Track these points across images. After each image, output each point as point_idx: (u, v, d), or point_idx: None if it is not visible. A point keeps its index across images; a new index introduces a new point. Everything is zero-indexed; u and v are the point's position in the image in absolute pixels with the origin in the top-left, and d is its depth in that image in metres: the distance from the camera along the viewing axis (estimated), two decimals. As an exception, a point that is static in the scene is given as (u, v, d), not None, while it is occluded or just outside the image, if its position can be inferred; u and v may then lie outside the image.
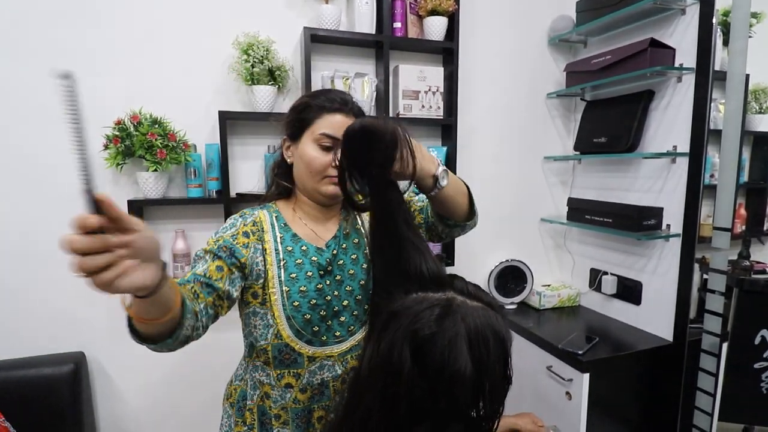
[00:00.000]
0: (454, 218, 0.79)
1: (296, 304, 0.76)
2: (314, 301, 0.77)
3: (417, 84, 1.57)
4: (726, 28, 1.34)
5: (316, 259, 0.79)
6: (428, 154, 0.68)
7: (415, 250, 0.56)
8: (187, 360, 1.53)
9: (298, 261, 0.78)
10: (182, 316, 0.57)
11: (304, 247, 0.80)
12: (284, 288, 0.76)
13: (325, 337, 0.79)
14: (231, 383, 0.88)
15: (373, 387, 0.47)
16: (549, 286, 1.85)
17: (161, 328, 0.55)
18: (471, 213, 0.80)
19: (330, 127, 0.76)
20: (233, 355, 1.60)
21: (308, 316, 0.77)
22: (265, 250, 0.77)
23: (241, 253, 0.74)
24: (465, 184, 0.79)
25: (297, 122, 0.79)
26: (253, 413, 0.81)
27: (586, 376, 1.34)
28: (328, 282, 0.79)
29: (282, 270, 0.77)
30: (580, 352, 1.37)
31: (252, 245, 0.77)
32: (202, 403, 1.55)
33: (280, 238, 0.79)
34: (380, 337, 0.48)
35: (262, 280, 0.76)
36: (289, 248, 0.79)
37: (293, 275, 0.77)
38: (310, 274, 0.78)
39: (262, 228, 0.79)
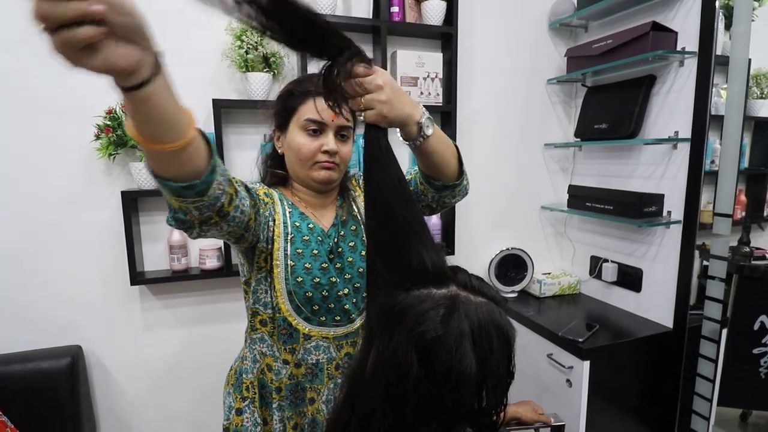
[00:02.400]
0: (443, 178, 0.74)
1: (299, 280, 0.76)
2: (317, 279, 0.76)
3: (415, 70, 1.54)
4: (728, 11, 1.31)
5: (322, 239, 0.79)
6: (411, 100, 0.62)
7: (418, 241, 0.53)
8: (184, 352, 1.52)
9: (305, 238, 0.78)
10: (210, 167, 0.50)
11: (311, 225, 0.79)
12: (289, 262, 0.75)
13: (324, 318, 0.78)
14: (231, 368, 0.88)
15: (376, 389, 0.46)
16: (549, 274, 1.84)
17: (176, 163, 0.47)
18: (460, 172, 0.76)
19: (314, 112, 0.75)
20: (231, 347, 1.59)
21: (310, 294, 0.76)
22: (275, 220, 0.76)
23: (263, 206, 0.74)
24: (454, 144, 0.75)
25: (283, 111, 0.78)
26: (253, 386, 0.81)
27: (587, 363, 1.34)
28: (331, 266, 0.78)
29: (289, 244, 0.76)
30: (580, 340, 1.37)
31: (268, 207, 0.76)
32: (200, 395, 1.54)
33: (289, 212, 0.79)
34: (383, 338, 0.47)
35: (270, 246, 0.76)
36: (297, 224, 0.78)
37: (299, 251, 0.76)
38: (315, 252, 0.77)
39: (273, 199, 0.78)
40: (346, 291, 0.79)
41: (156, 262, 1.45)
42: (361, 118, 0.56)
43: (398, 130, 0.64)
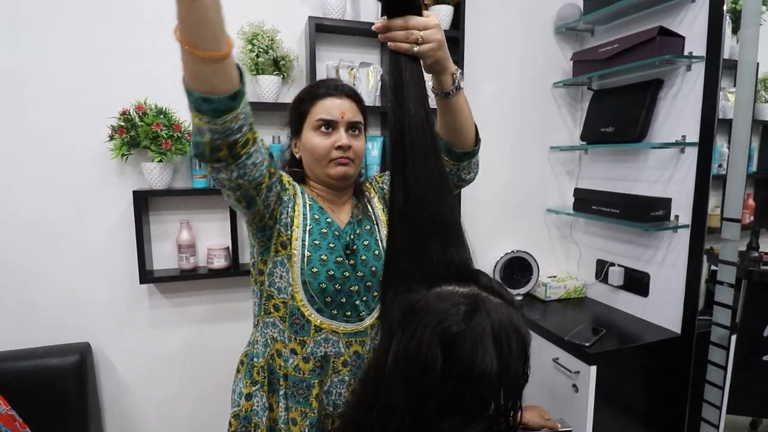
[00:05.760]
0: (463, 143, 0.76)
1: (315, 270, 0.77)
2: (332, 272, 0.78)
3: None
4: (735, 15, 1.32)
5: (339, 234, 0.81)
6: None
7: (448, 236, 0.54)
8: (191, 350, 1.53)
9: (323, 231, 0.80)
10: (233, 93, 0.56)
11: (329, 220, 0.81)
12: (306, 252, 0.77)
13: (335, 311, 0.80)
14: (242, 354, 0.89)
15: (398, 383, 0.47)
16: (555, 277, 1.84)
17: (207, 74, 0.53)
18: (476, 139, 0.79)
19: (324, 111, 0.79)
20: (238, 346, 1.60)
21: (324, 285, 0.78)
22: (295, 209, 0.79)
23: (283, 189, 0.77)
24: None
25: (296, 117, 0.83)
26: (264, 371, 0.81)
27: (593, 368, 1.33)
28: (347, 262, 0.80)
29: (307, 234, 0.78)
30: (587, 344, 1.36)
31: (289, 194, 0.79)
32: (207, 393, 1.55)
33: (309, 205, 0.81)
34: (406, 333, 0.47)
35: (288, 233, 0.78)
36: (316, 216, 0.81)
37: (316, 242, 0.78)
38: (332, 245, 0.79)
39: (296, 190, 0.81)
40: (356, 288, 0.80)
41: (165, 261, 1.47)
42: (415, 49, 0.58)
43: (431, 81, 0.67)
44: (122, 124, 1.29)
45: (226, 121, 0.57)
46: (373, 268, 0.82)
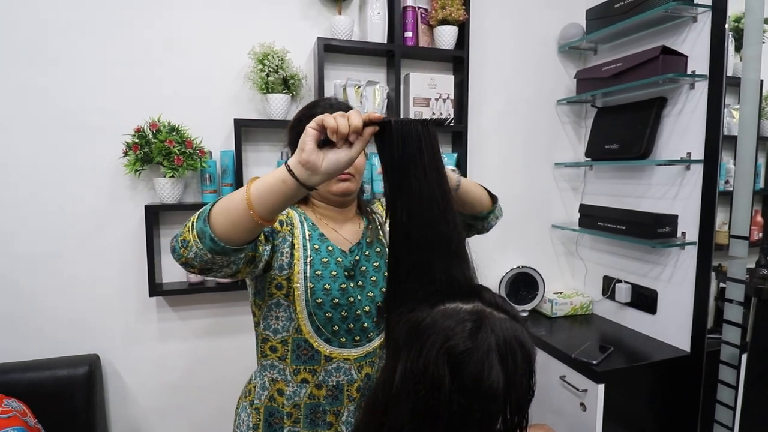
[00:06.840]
0: (481, 208, 0.84)
1: (319, 301, 0.78)
2: (337, 300, 0.78)
3: (428, 92, 1.59)
4: (738, 34, 1.33)
5: (341, 260, 0.81)
6: None
7: (452, 254, 0.54)
8: (198, 363, 1.54)
9: (324, 260, 0.80)
10: (249, 246, 0.63)
11: (330, 248, 0.82)
12: (309, 284, 0.78)
13: (344, 339, 0.80)
14: (251, 381, 0.89)
15: (406, 403, 0.47)
16: (561, 293, 1.82)
17: (253, 232, 0.60)
18: (492, 199, 0.86)
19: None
20: (246, 360, 1.60)
21: (329, 315, 0.78)
22: (294, 245, 0.79)
23: (276, 235, 0.78)
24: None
25: (295, 137, 0.83)
26: (259, 413, 0.82)
27: (601, 386, 1.31)
28: (351, 285, 0.80)
29: (308, 266, 0.79)
30: (594, 362, 1.35)
31: (283, 234, 0.80)
32: (215, 407, 1.55)
33: (308, 235, 0.82)
34: (412, 352, 0.48)
35: (286, 272, 0.78)
36: (316, 246, 0.81)
37: (318, 272, 0.79)
38: (334, 273, 0.79)
39: (293, 223, 0.82)
40: (367, 309, 0.80)
41: (174, 274, 1.49)
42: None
43: None
44: (136, 140, 1.33)
45: (215, 260, 0.61)
46: (384, 289, 0.83)
